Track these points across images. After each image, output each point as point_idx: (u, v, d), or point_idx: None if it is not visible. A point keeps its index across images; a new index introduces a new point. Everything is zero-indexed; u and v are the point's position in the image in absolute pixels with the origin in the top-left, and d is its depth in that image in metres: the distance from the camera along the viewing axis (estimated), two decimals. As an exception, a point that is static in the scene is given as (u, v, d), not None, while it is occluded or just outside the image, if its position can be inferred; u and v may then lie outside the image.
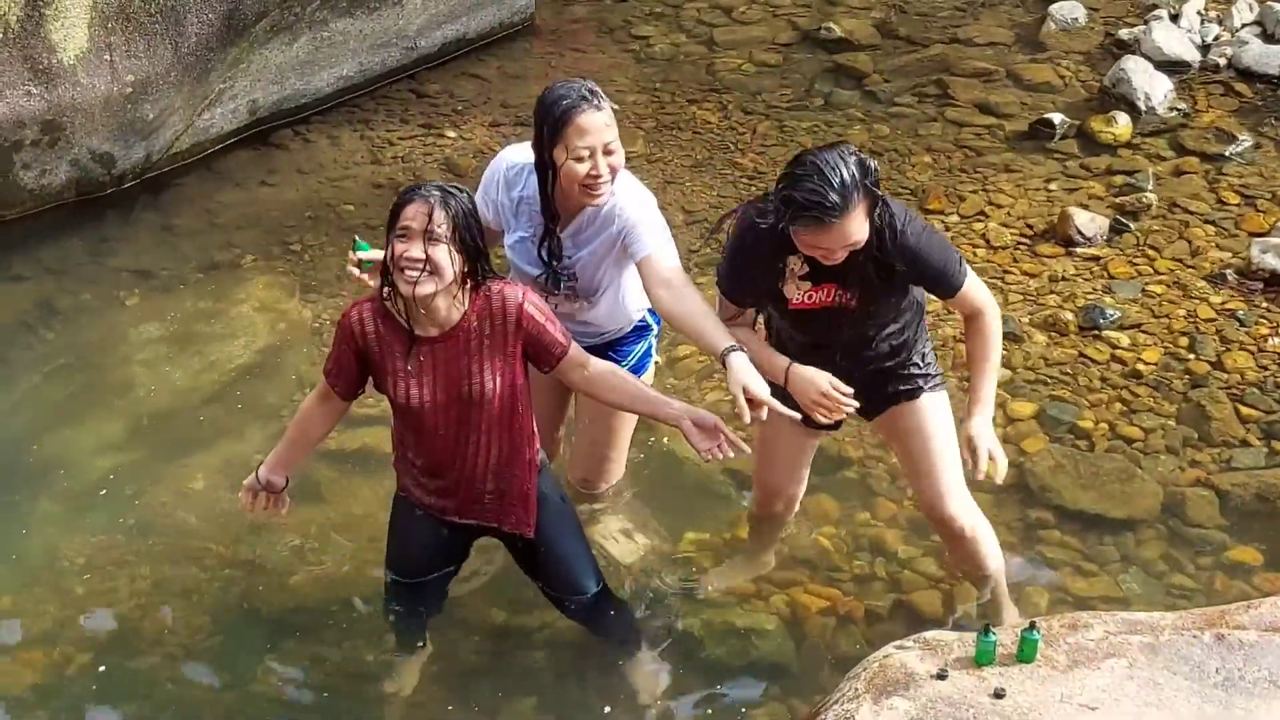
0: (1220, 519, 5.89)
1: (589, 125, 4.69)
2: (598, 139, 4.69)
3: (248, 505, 4.84)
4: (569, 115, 4.70)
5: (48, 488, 6.16)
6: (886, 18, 9.72)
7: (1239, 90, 8.72)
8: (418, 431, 4.63)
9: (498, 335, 4.50)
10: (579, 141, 4.67)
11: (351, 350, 4.54)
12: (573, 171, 4.70)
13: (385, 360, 4.51)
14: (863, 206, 4.38)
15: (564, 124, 4.70)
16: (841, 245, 4.42)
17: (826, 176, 4.32)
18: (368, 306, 4.51)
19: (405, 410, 4.57)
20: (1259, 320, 6.88)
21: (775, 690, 5.22)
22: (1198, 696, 4.03)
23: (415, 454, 4.72)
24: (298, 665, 5.31)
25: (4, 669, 5.33)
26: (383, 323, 4.49)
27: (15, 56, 7.49)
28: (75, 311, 7.20)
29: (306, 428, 4.80)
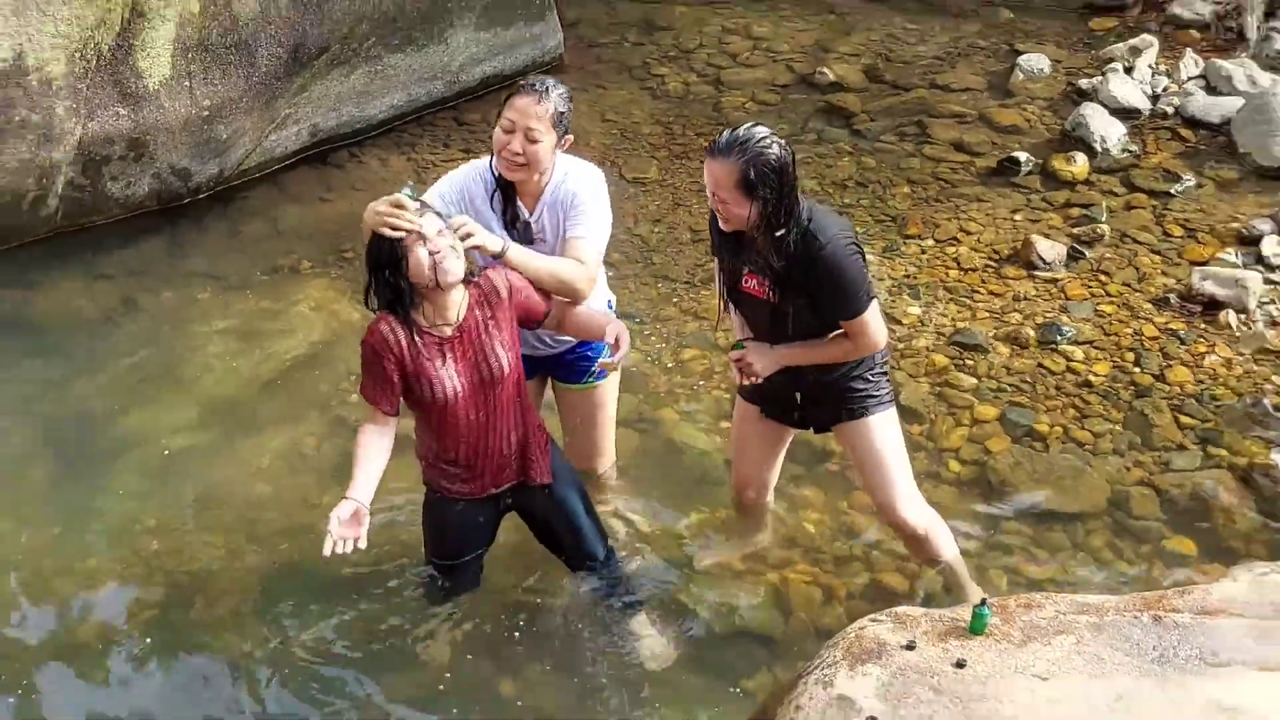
0: (1159, 514, 5.88)
1: (521, 105, 4.69)
2: (523, 120, 4.67)
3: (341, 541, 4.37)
4: (513, 93, 4.76)
5: (128, 462, 6.17)
6: (873, 64, 9.72)
7: (1184, 135, 8.70)
8: (451, 425, 4.60)
9: (498, 313, 4.55)
10: (508, 114, 4.70)
11: (391, 361, 4.44)
12: (497, 139, 4.74)
13: (417, 365, 4.46)
14: (733, 168, 4.43)
15: (506, 99, 4.75)
16: (710, 187, 4.52)
17: (734, 132, 4.50)
18: (386, 322, 4.45)
19: (441, 408, 4.53)
20: (1198, 339, 6.86)
21: (763, 656, 5.21)
22: (1136, 671, 4.02)
23: (449, 449, 4.69)
24: (343, 626, 5.30)
25: (84, 620, 5.36)
26: (407, 330, 4.46)
27: (106, 81, 7.51)
28: (154, 307, 7.22)
29: (376, 450, 4.56)
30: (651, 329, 6.97)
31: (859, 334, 4.68)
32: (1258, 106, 8.44)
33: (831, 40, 10.06)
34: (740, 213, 4.51)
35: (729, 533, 5.72)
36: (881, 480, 4.98)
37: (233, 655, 5.21)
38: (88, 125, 7.53)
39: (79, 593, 5.48)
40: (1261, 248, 7.46)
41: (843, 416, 4.94)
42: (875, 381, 4.92)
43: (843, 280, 4.58)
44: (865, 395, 4.89)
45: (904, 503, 4.98)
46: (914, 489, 5.04)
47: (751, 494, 5.51)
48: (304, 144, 8.60)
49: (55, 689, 5.09)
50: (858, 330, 4.68)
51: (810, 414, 5.05)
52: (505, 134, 4.69)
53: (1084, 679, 3.97)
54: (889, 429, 4.97)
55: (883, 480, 4.98)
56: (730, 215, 4.54)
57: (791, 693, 4.13)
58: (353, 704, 5.01)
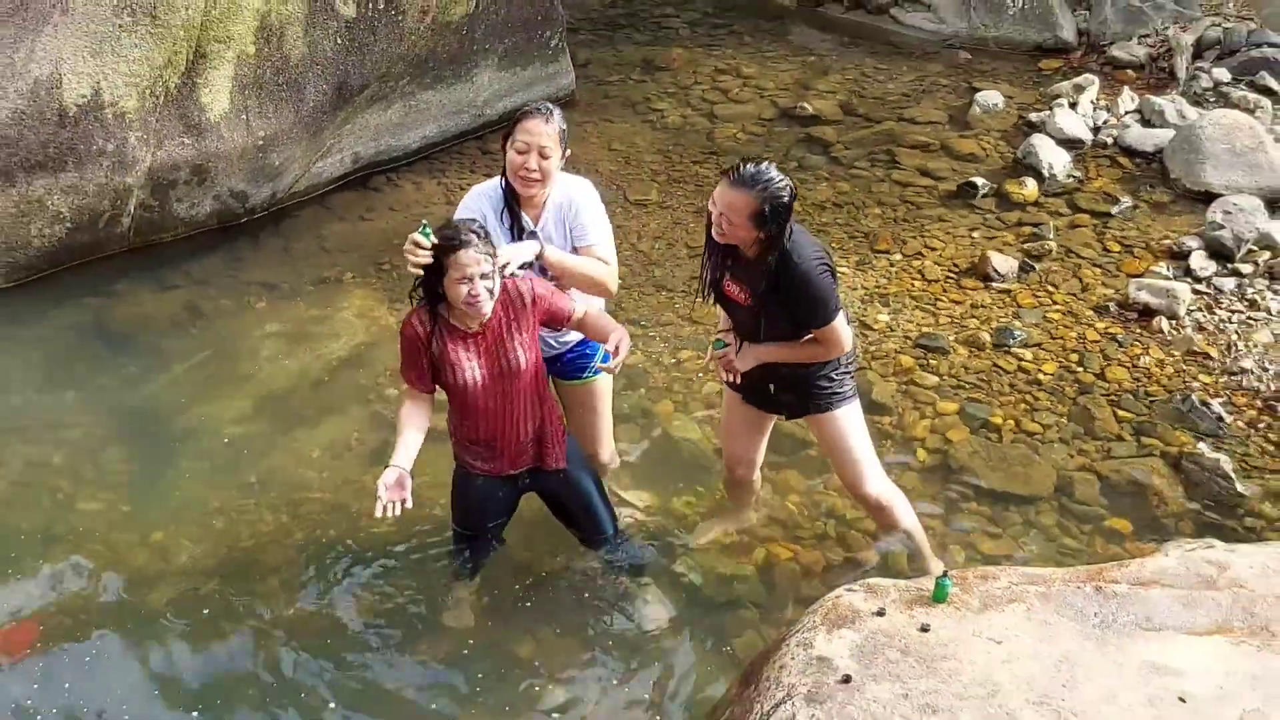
0: (1100, 497, 5.88)
1: (532, 127, 4.73)
2: (535, 139, 4.71)
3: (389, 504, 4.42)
4: (521, 118, 4.78)
5: (191, 450, 6.18)
6: (848, 100, 9.72)
7: (1122, 163, 8.71)
8: (472, 409, 4.65)
9: (521, 316, 4.57)
10: (521, 137, 4.73)
11: (420, 351, 4.55)
12: (512, 161, 4.75)
13: (442, 354, 4.54)
14: (751, 201, 4.47)
15: (516, 124, 4.77)
16: (722, 209, 4.54)
17: (756, 163, 4.54)
18: (418, 316, 4.55)
19: (461, 392, 4.59)
20: (1134, 342, 6.86)
21: (750, 621, 5.22)
22: (1080, 634, 4.02)
23: (470, 430, 4.74)
24: (380, 594, 5.32)
25: (151, 589, 5.35)
26: (435, 325, 4.53)
27: (173, 115, 7.51)
28: (214, 313, 7.21)
29: (415, 422, 4.61)
30: (653, 333, 6.97)
31: (827, 340, 4.76)
32: (1186, 137, 8.44)
33: (811, 79, 10.06)
34: (745, 237, 4.57)
35: (720, 513, 5.72)
36: (846, 462, 5.07)
37: (281, 619, 5.22)
38: (156, 154, 7.53)
39: (148, 563, 5.48)
40: (1190, 262, 7.46)
41: (811, 409, 4.99)
42: (839, 380, 4.96)
43: (814, 295, 4.64)
44: (831, 392, 4.94)
45: (866, 480, 5.06)
46: (876, 468, 5.10)
47: (741, 471, 5.51)
48: (347, 170, 8.61)
49: (125, 649, 5.10)
50: (826, 337, 4.75)
51: (784, 402, 5.09)
52: (520, 154, 4.73)
53: (1034, 642, 3.98)
54: (852, 419, 5.02)
55: (847, 462, 5.06)
56: (733, 237, 4.59)
57: (776, 653, 4.13)
58: (386, 663, 5.01)
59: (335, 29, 8.03)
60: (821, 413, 4.97)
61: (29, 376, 6.69)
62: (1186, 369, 6.68)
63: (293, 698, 4.89)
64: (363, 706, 4.86)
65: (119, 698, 4.87)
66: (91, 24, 7.10)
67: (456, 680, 4.95)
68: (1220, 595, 4.16)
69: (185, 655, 5.08)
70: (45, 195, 7.22)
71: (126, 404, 6.51)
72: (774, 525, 5.68)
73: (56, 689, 4.90)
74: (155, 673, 5.00)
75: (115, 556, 5.51)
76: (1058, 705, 3.72)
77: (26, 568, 5.46)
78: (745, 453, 5.44)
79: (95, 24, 7.11)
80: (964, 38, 10.73)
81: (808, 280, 4.61)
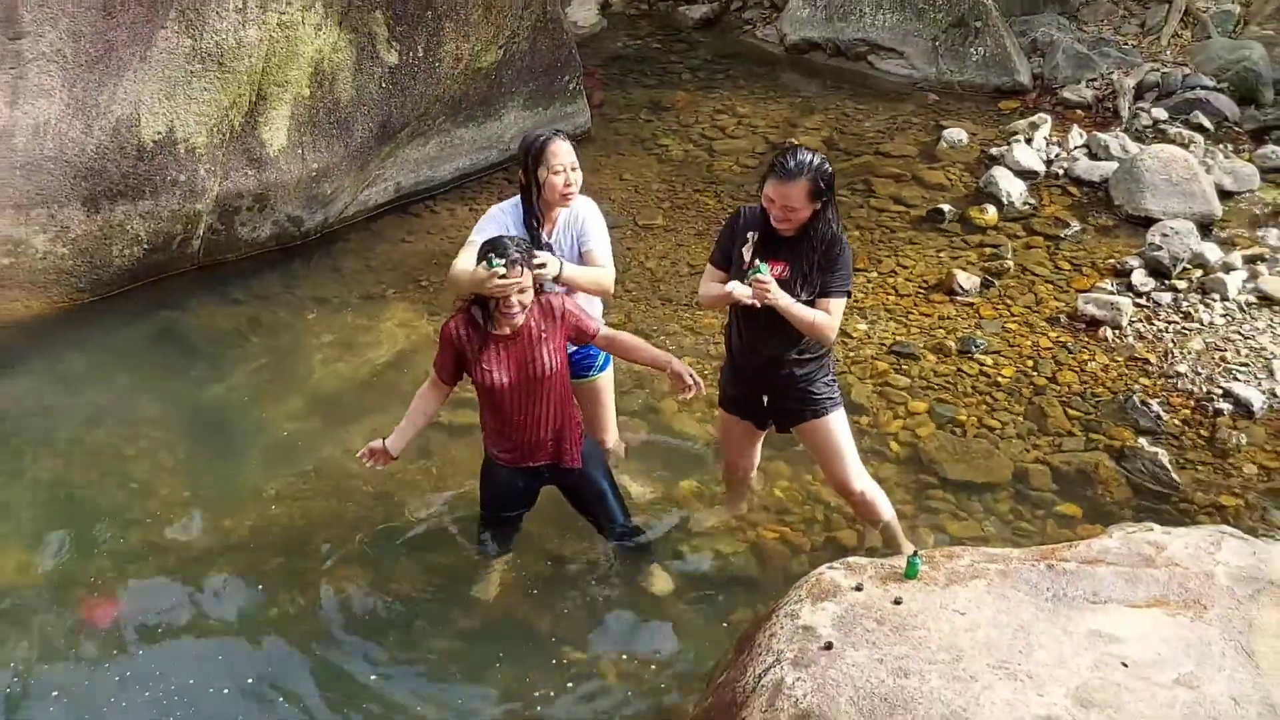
0: (1052, 485, 5.88)
1: (561, 150, 4.77)
2: (567, 159, 4.77)
3: (366, 458, 4.82)
4: (547, 143, 4.78)
5: (253, 444, 6.20)
6: (830, 136, 9.71)
7: (1072, 192, 8.69)
8: (500, 407, 4.67)
9: (552, 329, 4.58)
10: (554, 161, 4.74)
11: (452, 351, 4.60)
12: (553, 183, 4.76)
13: (475, 356, 4.56)
14: (806, 185, 4.46)
15: (544, 149, 4.77)
16: (782, 202, 4.50)
17: (794, 153, 4.51)
18: (460, 319, 4.59)
19: (489, 391, 4.61)
20: (1082, 349, 6.86)
21: (744, 595, 5.23)
22: (1034, 606, 4.02)
23: (497, 426, 4.76)
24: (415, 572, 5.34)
25: (217, 565, 5.38)
26: (472, 330, 4.56)
27: (238, 149, 7.53)
28: (273, 324, 7.22)
29: (422, 406, 4.81)
30: (658, 341, 6.95)
31: (835, 313, 4.67)
32: (1128, 169, 8.43)
33: (798, 117, 10.05)
34: (805, 216, 4.53)
35: (718, 502, 5.72)
36: (836, 463, 5.00)
37: (330, 592, 5.24)
38: (223, 183, 7.55)
39: (214, 543, 5.50)
40: (1131, 279, 7.45)
41: (807, 415, 4.93)
42: (831, 386, 4.94)
43: (845, 258, 4.66)
44: (825, 397, 4.90)
45: (852, 476, 5.01)
46: (860, 468, 5.06)
47: (739, 474, 5.51)
48: (390, 198, 8.61)
49: (194, 619, 5.13)
50: (834, 310, 4.66)
51: (775, 414, 5.03)
52: (557, 174, 4.75)
53: (994, 613, 3.98)
54: (842, 423, 4.98)
55: (837, 463, 5.00)
56: (797, 221, 4.55)
57: (767, 623, 4.14)
58: (422, 630, 5.05)
59: (380, 74, 8.04)
60: (818, 418, 4.92)
61: (112, 379, 6.70)
62: (1128, 373, 6.67)
63: (341, 657, 4.93)
64: (401, 665, 4.90)
65: (188, 662, 4.89)
66: (167, 70, 7.13)
67: (485, 645, 4.96)
68: (1158, 572, 4.15)
69: (247, 623, 5.10)
70: (125, 220, 7.24)
71: (196, 404, 6.53)
72: (764, 511, 5.67)
73: (133, 654, 4.93)
74: (220, 639, 5.03)
75: (186, 538, 5.53)
76: (1014, 669, 3.72)
77: (108, 548, 5.48)
78: (742, 459, 5.43)
79: (170, 70, 7.13)
80: (932, 82, 10.71)
81: (842, 245, 4.64)
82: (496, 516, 5.06)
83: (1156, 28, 10.99)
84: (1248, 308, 7.18)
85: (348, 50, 7.85)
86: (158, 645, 4.99)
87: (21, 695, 4.75)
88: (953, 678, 3.67)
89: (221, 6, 7.20)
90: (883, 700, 3.61)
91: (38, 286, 7.12)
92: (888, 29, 11.01)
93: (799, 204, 4.49)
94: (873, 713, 3.57)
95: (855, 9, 11.19)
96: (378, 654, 4.94)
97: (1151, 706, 3.58)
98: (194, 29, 7.15)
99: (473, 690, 4.79)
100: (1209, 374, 6.61)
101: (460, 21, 8.33)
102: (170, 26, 7.10)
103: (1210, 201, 8.19)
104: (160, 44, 7.10)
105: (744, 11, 12.42)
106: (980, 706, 3.56)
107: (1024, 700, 3.59)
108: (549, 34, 9.10)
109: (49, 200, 6.99)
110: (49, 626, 5.06)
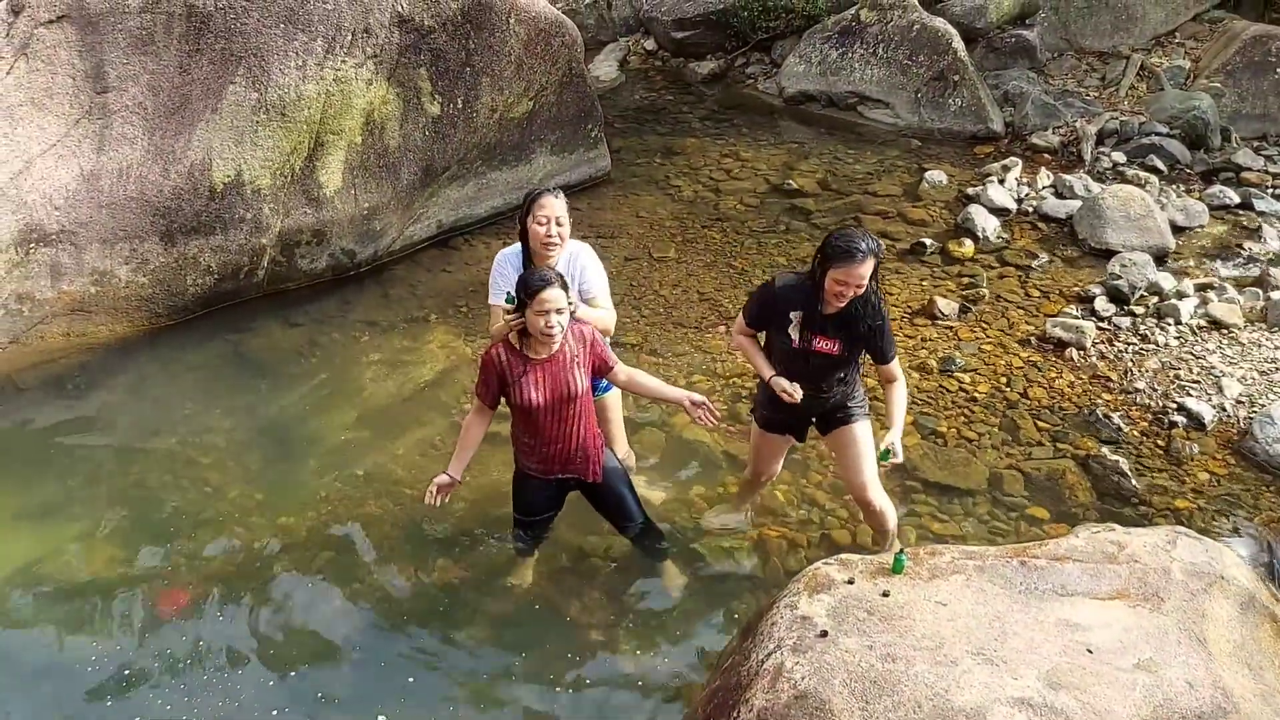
0: (1023, 490, 5.85)
1: (547, 203, 4.81)
2: (552, 212, 4.80)
3: (437, 494, 4.67)
4: (539, 197, 4.85)
5: (310, 452, 6.20)
6: (824, 177, 9.71)
7: (1040, 227, 8.68)
8: (534, 425, 4.65)
9: (583, 353, 4.58)
10: (539, 213, 4.80)
11: (494, 375, 4.57)
12: (536, 232, 4.81)
13: (514, 379, 4.54)
14: (872, 262, 4.42)
15: (533, 203, 4.83)
16: (856, 282, 4.42)
17: (859, 234, 4.45)
18: (501, 346, 4.58)
19: (526, 411, 4.59)
20: (1050, 368, 6.83)
21: (748, 587, 5.21)
22: (1007, 598, 4.01)
23: (531, 441, 4.74)
24: (458, 566, 5.34)
25: (278, 561, 5.39)
26: (512, 355, 4.54)
27: (298, 190, 7.57)
28: (328, 345, 7.24)
29: (472, 432, 4.73)
30: (671, 361, 6.97)
31: (897, 376, 4.74)
32: (1091, 206, 8.42)
33: (795, 161, 10.06)
34: (860, 291, 4.47)
35: (725, 504, 5.71)
36: (859, 469, 4.94)
37: (382, 584, 5.25)
38: (285, 220, 7.58)
39: (275, 540, 5.51)
40: (1094, 305, 7.43)
41: (840, 422, 4.92)
42: (862, 398, 4.96)
43: (887, 334, 4.67)
44: (856, 406, 4.91)
45: (872, 486, 4.96)
46: (878, 481, 5.00)
47: (761, 481, 5.49)
48: (432, 233, 8.64)
49: (256, 609, 5.13)
50: (896, 368, 4.73)
51: (816, 425, 5.03)
52: (541, 226, 4.80)
53: (972, 604, 3.97)
54: (867, 433, 4.96)
55: (860, 469, 4.94)
56: (853, 296, 4.48)
57: (768, 613, 4.13)
58: (463, 617, 5.04)
59: (424, 124, 8.08)
60: (849, 424, 4.90)
61: (186, 394, 6.73)
62: (1092, 389, 6.65)
63: (391, 639, 4.93)
64: (443, 647, 4.90)
65: (247, 646, 4.91)
66: (235, 120, 7.18)
67: (516, 630, 4.96)
68: (1120, 568, 4.14)
69: (303, 611, 5.12)
70: (198, 253, 7.28)
71: (260, 416, 6.55)
72: (766, 512, 5.66)
73: (200, 640, 4.95)
74: (279, 627, 5.04)
75: (250, 535, 5.54)
76: (991, 654, 3.70)
77: (180, 543, 5.49)
78: (770, 469, 5.41)
79: (238, 120, 7.18)
80: (915, 129, 10.72)
81: (885, 321, 4.63)
82: (528, 520, 5.06)
83: (1115, 80, 10.99)
84: (1198, 331, 7.15)
85: (395, 102, 7.89)
86: (220, 629, 5.00)
87: (107, 675, 4.76)
88: (935, 662, 3.66)
89: (284, 64, 7.26)
90: (872, 683, 3.60)
91: (121, 312, 7.17)
92: (875, 82, 11.03)
93: (864, 282, 4.44)
94: (864, 694, 3.56)
95: (846, 65, 11.21)
96: (422, 635, 4.95)
97: (1114, 689, 3.57)
98: (259, 84, 7.20)
99: (504, 669, 4.79)
100: (1164, 390, 6.58)
101: (495, 77, 8.37)
102: (239, 82, 7.16)
103: (1165, 236, 8.17)
104: (229, 97, 7.15)
105: (747, 67, 12.46)
106: (960, 688, 3.55)
107: (1000, 683, 3.57)
108: (574, 88, 9.13)
109: (131, 236, 7.04)
110: (129, 612, 5.08)
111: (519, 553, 5.19)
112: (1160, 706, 3.53)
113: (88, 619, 5.05)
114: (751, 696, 3.72)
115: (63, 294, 6.93)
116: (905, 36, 10.99)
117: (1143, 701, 3.53)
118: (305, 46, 7.33)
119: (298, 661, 4.83)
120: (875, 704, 3.52)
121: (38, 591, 5.19)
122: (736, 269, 8.16)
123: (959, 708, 3.48)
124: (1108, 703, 3.51)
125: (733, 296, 7.72)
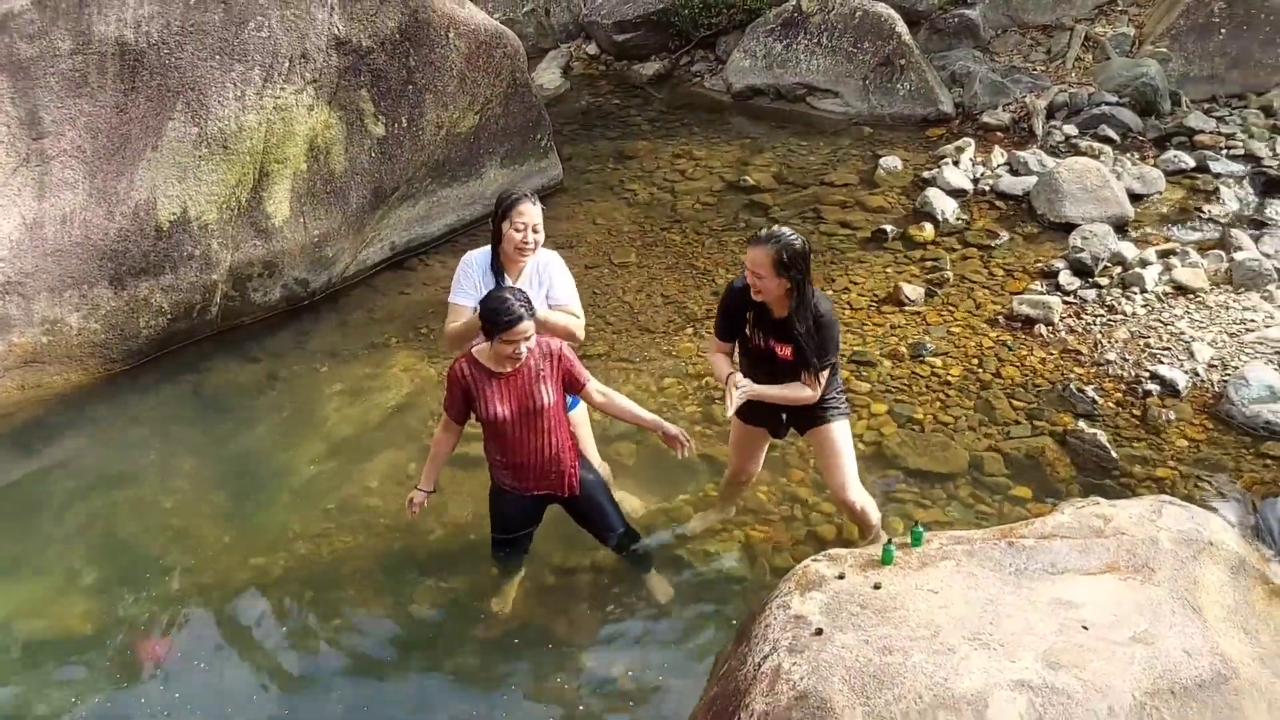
0: (1004, 470, 5.89)
1: (526, 210, 4.86)
2: (530, 219, 4.85)
3: (415, 509, 4.85)
4: (517, 202, 4.89)
5: (279, 488, 6.14)
6: (779, 171, 9.75)
7: (999, 206, 8.75)
8: (503, 439, 4.65)
9: (549, 368, 4.59)
10: (518, 218, 4.84)
11: (459, 390, 4.60)
12: (511, 237, 4.85)
13: (479, 393, 4.56)
14: (770, 251, 4.47)
15: (511, 207, 4.87)
16: (750, 267, 4.53)
17: (770, 229, 4.59)
18: (465, 360, 4.60)
19: (493, 424, 4.60)
20: (1021, 346, 6.89)
21: (737, 591, 5.22)
22: (998, 580, 4.03)
23: (502, 456, 4.74)
24: (436, 592, 5.31)
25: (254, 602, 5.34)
26: (476, 369, 4.56)
27: (246, 223, 7.51)
28: (289, 378, 7.18)
29: (441, 449, 4.83)
30: (641, 367, 6.97)
31: (812, 388, 4.71)
32: (1047, 181, 8.49)
33: (749, 157, 10.10)
34: (773, 287, 4.52)
35: (708, 508, 5.71)
36: (838, 469, 4.94)
37: (363, 620, 5.21)
38: (235, 254, 7.52)
39: (249, 581, 5.45)
40: (1059, 279, 7.50)
41: (816, 422, 4.91)
42: (839, 398, 4.94)
43: (832, 336, 4.68)
44: (833, 406, 4.89)
45: (851, 485, 4.96)
46: (858, 480, 5.00)
47: (743, 478, 5.48)
48: (386, 255, 8.59)
49: (237, 653, 5.08)
50: (819, 380, 4.71)
51: (791, 422, 5.02)
52: (518, 233, 4.84)
53: (963, 589, 3.98)
54: (846, 433, 4.95)
55: (838, 469, 4.94)
56: (765, 289, 4.55)
57: (761, 615, 4.13)
58: (446, 645, 5.00)
59: (369, 145, 8.04)
60: (826, 423, 4.90)
61: (146, 438, 6.65)
62: (1064, 364, 6.70)
63: (375, 678, 4.89)
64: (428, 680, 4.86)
65: (229, 690, 4.85)
66: (177, 156, 7.11)
67: (503, 656, 4.93)
68: (1108, 541, 4.17)
69: (283, 652, 5.06)
70: (149, 294, 7.20)
71: (224, 455, 6.48)
72: (748, 513, 5.66)
73: (182, 688, 4.88)
74: (258, 668, 4.99)
75: (223, 577, 5.47)
76: (987, 639, 3.72)
77: (154, 591, 5.42)
78: (749, 465, 5.39)
79: (180, 156, 7.12)
80: (866, 116, 10.78)
81: (831, 324, 4.64)
82: (506, 538, 5.03)
83: (1061, 53, 11.11)
84: (1165, 297, 7.23)
85: (339, 126, 7.85)
86: (202, 677, 4.93)
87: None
88: (933, 651, 3.66)
89: (222, 95, 7.20)
90: (872, 677, 3.60)
91: (75, 360, 7.07)
92: (822, 72, 11.09)
93: (765, 272, 4.50)
94: (864, 689, 3.56)
95: (792, 56, 11.27)
96: (406, 672, 4.90)
97: (1113, 664, 3.59)
98: (199, 118, 7.13)
99: (495, 698, 4.75)
100: (1136, 359, 6.65)
101: (439, 93, 8.34)
102: (177, 117, 7.09)
103: (1123, 205, 8.26)
104: (169, 134, 7.08)
105: (692, 66, 12.49)
106: (960, 675, 3.56)
107: (999, 667, 3.59)
108: (519, 98, 9.11)
109: (79, 282, 6.95)
110: (108, 664, 5.01)
111: (501, 574, 5.15)
112: (1160, 678, 3.55)
113: (66, 674, 4.96)
114: (751, 701, 3.71)
115: (14, 346, 6.83)
116: (848, 24, 11.06)
117: (1143, 674, 3.55)
118: (243, 76, 7.27)
119: (282, 705, 4.77)
120: (876, 698, 3.52)
121: (13, 647, 5.10)
122: (699, 269, 8.17)
123: (960, 695, 3.49)
124: (1108, 678, 3.52)
125: (697, 298, 7.73)
